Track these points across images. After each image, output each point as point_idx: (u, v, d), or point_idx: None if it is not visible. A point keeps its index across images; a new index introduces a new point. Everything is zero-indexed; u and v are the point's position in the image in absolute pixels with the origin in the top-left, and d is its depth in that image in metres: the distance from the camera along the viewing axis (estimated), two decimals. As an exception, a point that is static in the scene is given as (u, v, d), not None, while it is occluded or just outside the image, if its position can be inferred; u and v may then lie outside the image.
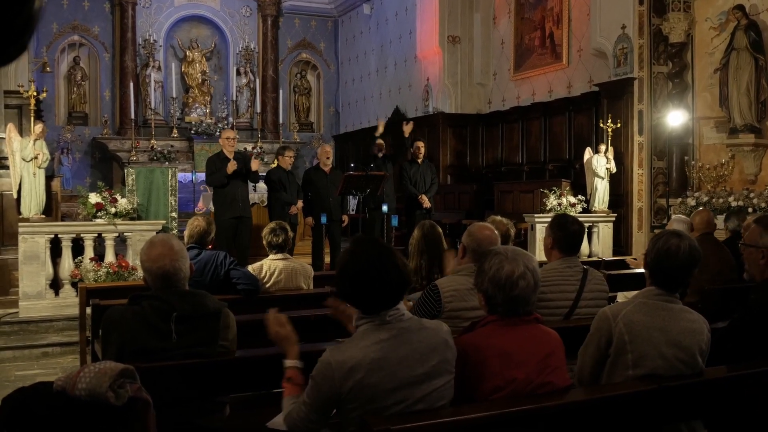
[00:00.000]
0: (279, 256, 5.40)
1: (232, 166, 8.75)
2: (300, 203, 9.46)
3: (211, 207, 9.82)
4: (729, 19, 10.11)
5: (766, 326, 3.08)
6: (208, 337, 2.97)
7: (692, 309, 2.91)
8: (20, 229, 7.74)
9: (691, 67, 10.74)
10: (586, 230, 10.54)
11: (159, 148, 16.73)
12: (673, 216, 6.94)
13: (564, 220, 3.95)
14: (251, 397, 3.59)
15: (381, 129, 10.51)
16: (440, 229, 4.51)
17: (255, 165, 9.03)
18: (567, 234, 3.87)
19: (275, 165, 9.73)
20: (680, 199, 10.34)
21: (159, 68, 18.12)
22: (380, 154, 10.33)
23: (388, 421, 2.16)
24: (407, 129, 10.45)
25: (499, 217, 4.66)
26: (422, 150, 10.65)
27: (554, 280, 3.76)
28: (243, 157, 9.32)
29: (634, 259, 6.91)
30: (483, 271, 2.56)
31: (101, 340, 3.07)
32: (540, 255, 8.93)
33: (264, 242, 5.42)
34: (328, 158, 9.68)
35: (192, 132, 17.57)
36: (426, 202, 10.27)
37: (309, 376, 2.34)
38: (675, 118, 10.37)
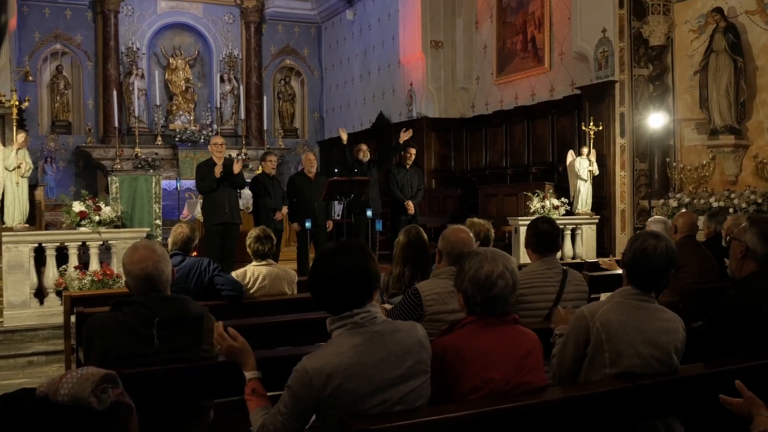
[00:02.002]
0: (263, 262, 5.43)
1: (218, 170, 8.79)
2: (285, 209, 9.48)
3: (197, 214, 9.83)
4: (708, 21, 10.24)
5: (743, 323, 3.13)
6: (191, 341, 2.98)
7: (671, 309, 2.96)
8: (4, 239, 7.72)
9: (672, 70, 10.85)
10: (570, 232, 10.62)
11: (143, 156, 16.69)
12: (652, 217, 7.01)
13: (534, 221, 4.03)
14: (235, 401, 3.60)
15: (344, 137, 10.48)
16: (426, 236, 4.53)
17: (237, 167, 9.04)
18: (536, 233, 3.93)
19: (259, 171, 9.76)
20: (662, 201, 10.44)
21: (142, 76, 18.09)
22: (365, 159, 10.34)
23: (367, 421, 2.19)
24: (404, 136, 10.43)
25: (477, 219, 4.67)
26: (413, 156, 10.68)
27: (534, 282, 3.80)
28: (230, 164, 9.35)
29: (608, 260, 6.96)
30: (463, 271, 2.60)
31: (84, 347, 3.08)
32: (524, 257, 9.00)
33: (249, 250, 5.45)
34: (312, 166, 9.73)
35: (176, 139, 17.54)
36: (411, 208, 10.31)
37: (284, 385, 2.34)
38: (656, 120, 10.47)
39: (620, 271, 5.69)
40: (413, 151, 10.72)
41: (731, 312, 3.21)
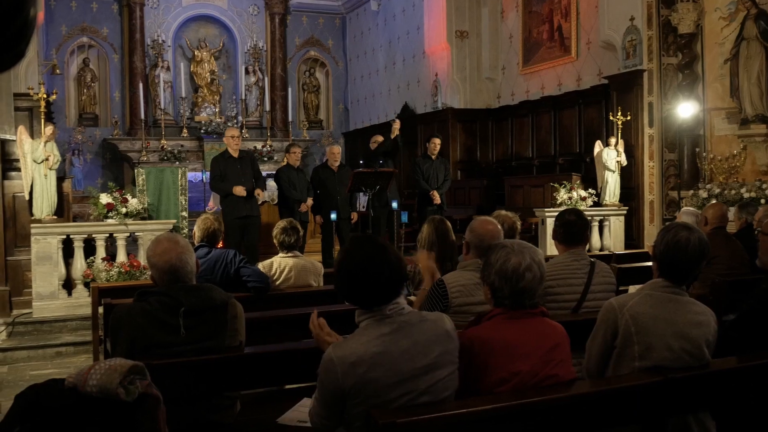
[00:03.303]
0: (289, 254, 5.45)
1: (240, 191, 8.73)
2: (310, 201, 9.49)
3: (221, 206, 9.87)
4: (738, 8, 10.07)
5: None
6: (217, 329, 3.00)
7: (701, 301, 2.92)
8: (32, 230, 7.82)
9: (701, 58, 10.69)
10: (597, 224, 10.54)
11: (169, 148, 16.80)
12: (683, 208, 6.93)
13: (562, 213, 4.03)
14: (262, 393, 3.62)
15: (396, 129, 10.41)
16: (449, 224, 4.53)
17: (261, 197, 9.06)
18: (563, 224, 3.93)
19: (284, 163, 9.77)
20: (692, 191, 10.30)
21: (168, 68, 18.19)
22: (380, 149, 10.27)
23: (394, 414, 2.19)
24: (396, 126, 10.30)
25: (504, 211, 4.66)
26: (437, 146, 10.63)
27: (561, 274, 3.79)
28: (249, 157, 9.35)
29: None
30: (489, 263, 2.60)
31: (110, 337, 3.11)
32: (551, 249, 8.95)
33: (275, 241, 5.47)
34: (335, 159, 9.73)
35: (202, 131, 17.64)
36: (437, 198, 10.27)
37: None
38: (685, 110, 10.33)
39: (649, 263, 5.64)
40: (437, 141, 10.67)
41: (764, 305, 3.16)
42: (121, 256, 7.95)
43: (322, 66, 20.60)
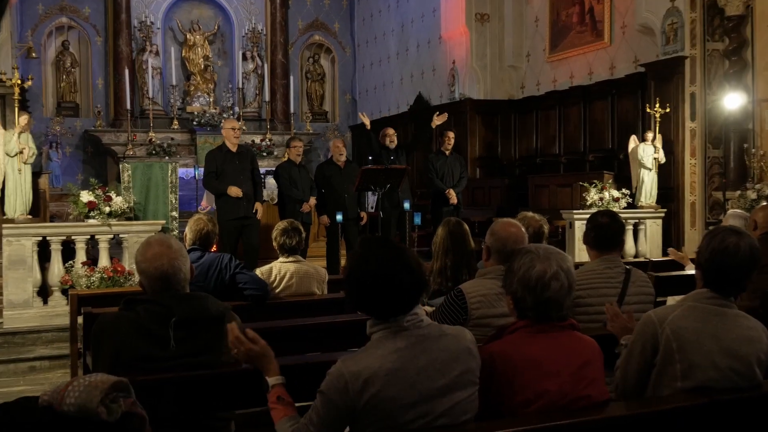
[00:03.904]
0: (291, 258, 5.46)
1: (235, 192, 8.73)
2: (313, 200, 9.49)
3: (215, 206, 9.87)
4: (793, -12, 10.02)
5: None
6: (211, 343, 2.99)
7: (751, 315, 2.90)
8: (4, 231, 7.83)
9: (751, 44, 10.63)
10: (632, 228, 10.50)
11: (158, 142, 16.83)
12: (730, 211, 6.89)
13: (594, 215, 4.04)
14: (258, 413, 3.61)
15: (366, 122, 10.55)
16: (467, 227, 4.53)
17: (260, 212, 9.07)
18: (596, 228, 3.92)
19: (285, 159, 9.78)
20: (739, 192, 10.24)
21: (157, 53, 18.25)
22: (392, 145, 10.28)
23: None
24: (438, 120, 10.40)
25: (530, 213, 4.68)
26: (451, 141, 10.66)
27: (592, 283, 3.78)
28: (249, 153, 9.35)
29: (680, 253, 6.87)
30: (512, 270, 2.59)
31: (92, 349, 3.11)
32: (580, 255, 8.92)
33: (275, 244, 5.48)
34: (341, 154, 9.73)
35: (194, 123, 17.67)
36: (453, 197, 10.28)
37: (317, 391, 2.34)
38: (732, 101, 10.28)
39: (692, 271, 5.61)
40: (451, 135, 10.68)
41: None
42: (104, 261, 7.96)
43: (327, 52, 20.63)
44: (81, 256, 7.94)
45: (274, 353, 2.69)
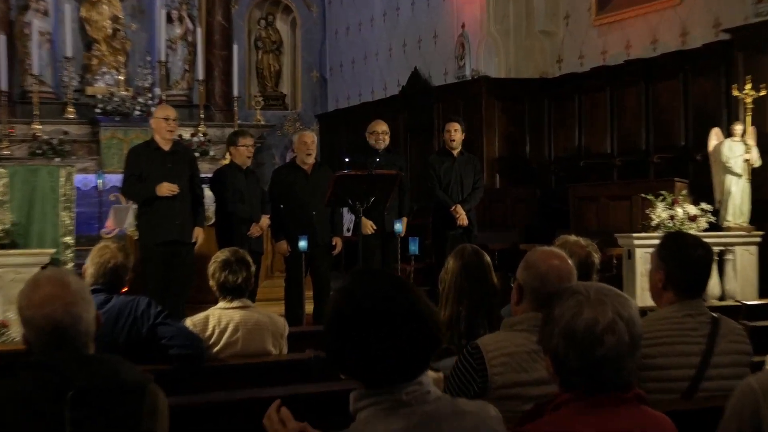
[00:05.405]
0: (235, 303, 5.43)
1: (166, 189, 8.73)
2: (266, 220, 9.47)
3: (128, 228, 9.85)
4: None
5: None
6: (125, 427, 2.96)
7: None
8: None
9: None
10: (716, 258, 10.51)
11: (45, 137, 16.81)
12: None
13: (680, 241, 3.99)
14: None
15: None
16: (488, 258, 4.51)
17: (199, 238, 9.10)
18: (684, 263, 3.90)
19: (227, 161, 9.77)
20: None
21: (45, 13, 18.21)
22: (381, 146, 10.25)
23: None
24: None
25: (572, 237, 4.66)
26: (457, 135, 10.56)
27: (667, 337, 3.78)
28: (186, 154, 9.35)
29: None
30: (552, 320, 2.58)
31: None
32: (643, 297, 8.89)
33: (212, 283, 5.44)
34: (309, 153, 9.66)
35: (97, 111, 17.62)
36: (462, 216, 10.21)
37: None
38: None
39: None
40: (456, 127, 10.53)
41: None
42: (-32, 307, 7.92)
43: (285, 11, 20.71)
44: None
45: None
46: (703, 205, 10.49)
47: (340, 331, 2.39)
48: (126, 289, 5.39)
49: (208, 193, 10.28)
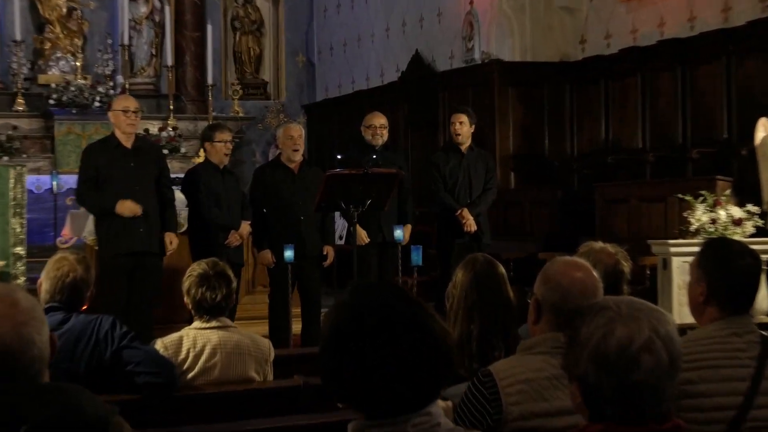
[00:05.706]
0: (213, 323, 5.43)
1: (128, 209, 8.69)
2: (246, 227, 9.48)
3: (87, 236, 9.85)
4: None
5: None
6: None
7: None
8: None
9: None
10: (765, 268, 10.51)
11: (-11, 133, 16.87)
12: None
13: (724, 249, 3.98)
14: None
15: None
16: (503, 270, 4.50)
17: (172, 246, 9.11)
18: (729, 274, 3.90)
19: (201, 159, 9.76)
20: None
21: (-11, -11, 18.30)
22: (379, 142, 10.24)
23: None
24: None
25: (599, 244, 4.66)
26: (464, 128, 10.55)
27: (710, 360, 3.77)
28: (152, 150, 9.37)
29: None
30: (578, 341, 2.57)
31: None
32: (681, 313, 8.89)
33: (187, 299, 5.44)
34: (295, 149, 9.66)
35: (51, 102, 17.66)
36: (470, 222, 10.19)
37: None
38: None
39: None
40: (462, 118, 10.52)
41: None
42: None
43: (266, -13, 20.76)
44: None
45: None
46: (750, 207, 10.48)
47: (338, 352, 2.37)
48: (86, 306, 5.39)
49: (179, 195, 10.28)
